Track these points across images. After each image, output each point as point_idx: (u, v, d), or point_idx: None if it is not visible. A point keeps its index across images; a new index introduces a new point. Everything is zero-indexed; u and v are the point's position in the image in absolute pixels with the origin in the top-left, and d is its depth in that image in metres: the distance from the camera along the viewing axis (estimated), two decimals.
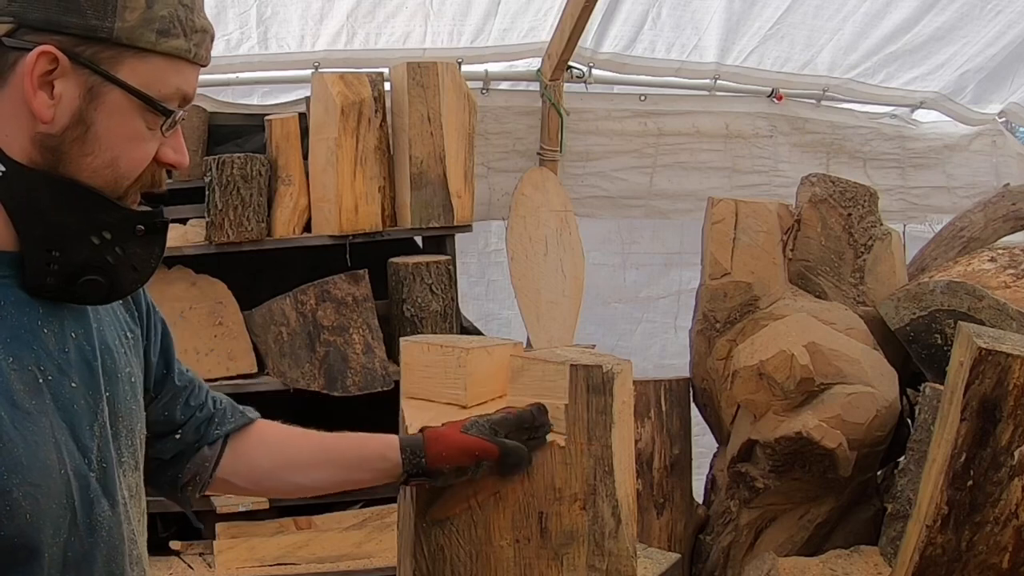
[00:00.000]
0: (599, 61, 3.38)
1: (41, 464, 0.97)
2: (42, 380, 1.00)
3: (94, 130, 0.98)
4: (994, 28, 3.46)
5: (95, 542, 1.03)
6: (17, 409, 0.96)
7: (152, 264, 1.07)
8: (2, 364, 0.96)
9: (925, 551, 1.73)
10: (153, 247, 1.06)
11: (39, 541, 0.97)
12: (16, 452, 0.95)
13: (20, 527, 0.95)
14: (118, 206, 1.02)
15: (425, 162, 2.93)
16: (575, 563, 1.33)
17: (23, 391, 0.97)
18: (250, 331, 2.96)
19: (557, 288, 3.19)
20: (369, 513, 2.98)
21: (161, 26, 0.98)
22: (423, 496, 1.35)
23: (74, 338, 1.05)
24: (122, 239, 1.03)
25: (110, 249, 1.02)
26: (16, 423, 0.95)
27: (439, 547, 1.34)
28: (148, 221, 1.04)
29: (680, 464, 2.68)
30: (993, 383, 1.64)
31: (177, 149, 1.05)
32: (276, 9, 2.98)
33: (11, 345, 0.98)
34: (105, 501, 1.05)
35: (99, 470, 1.05)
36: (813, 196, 2.67)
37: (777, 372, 2.35)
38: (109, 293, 1.05)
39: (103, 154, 0.99)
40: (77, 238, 1.01)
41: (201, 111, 3.02)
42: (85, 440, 1.03)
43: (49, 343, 1.02)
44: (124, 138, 0.99)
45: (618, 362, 1.34)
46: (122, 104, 0.98)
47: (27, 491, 0.95)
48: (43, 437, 0.98)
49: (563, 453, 1.32)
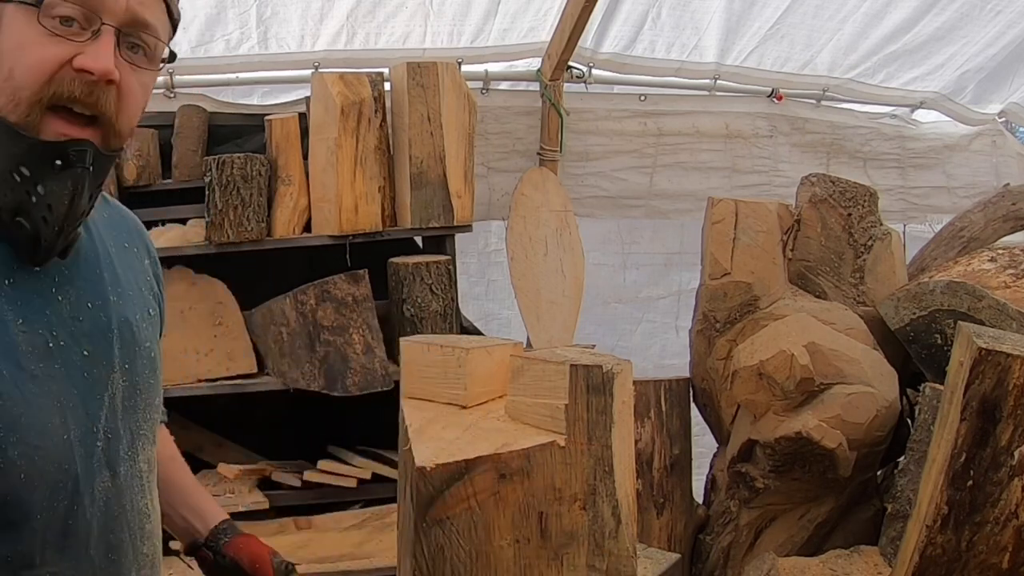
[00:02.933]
0: (599, 61, 3.38)
1: (41, 426, 0.97)
2: (52, 345, 1.00)
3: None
4: (994, 28, 3.46)
5: (93, 513, 1.03)
6: (22, 370, 0.96)
7: (63, 203, 0.97)
8: (10, 325, 0.96)
9: (925, 551, 1.73)
10: (66, 182, 0.96)
11: (31, 503, 0.97)
12: (15, 411, 0.95)
13: (12, 486, 0.95)
14: (22, 133, 0.94)
15: (425, 162, 2.93)
16: (575, 563, 1.33)
17: (31, 353, 0.97)
18: (250, 331, 2.96)
19: (557, 288, 3.19)
20: (369, 513, 2.98)
21: None
22: (423, 496, 1.35)
23: (90, 308, 1.05)
24: (40, 175, 0.95)
25: (32, 187, 0.95)
26: (18, 384, 0.95)
27: (439, 547, 1.34)
28: (63, 153, 0.95)
29: (680, 464, 2.68)
30: (993, 383, 1.64)
31: (93, 55, 0.94)
32: (276, 9, 2.98)
33: (22, 308, 0.97)
34: (107, 472, 1.05)
35: (104, 440, 1.04)
36: (813, 196, 2.67)
37: (777, 372, 2.35)
38: (34, 240, 0.98)
39: (1, 71, 0.94)
40: (1, 176, 0.96)
41: (201, 111, 3.02)
42: (93, 409, 1.03)
43: (63, 310, 1.02)
44: (16, 47, 0.94)
45: (618, 362, 1.34)
46: (14, 16, 0.94)
47: (23, 451, 0.95)
48: (47, 401, 0.98)
49: (563, 453, 1.32)
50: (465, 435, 1.39)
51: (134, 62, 0.99)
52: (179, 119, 2.97)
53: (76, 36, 0.94)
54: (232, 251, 2.86)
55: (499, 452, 1.32)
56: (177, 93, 3.06)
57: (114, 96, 0.97)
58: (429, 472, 1.31)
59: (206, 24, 2.94)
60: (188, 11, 2.91)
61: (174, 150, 2.97)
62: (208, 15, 2.92)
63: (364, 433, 3.06)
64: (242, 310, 2.96)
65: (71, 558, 1.02)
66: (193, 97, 3.08)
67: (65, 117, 0.96)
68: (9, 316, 0.97)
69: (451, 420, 1.44)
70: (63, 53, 0.94)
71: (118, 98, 0.97)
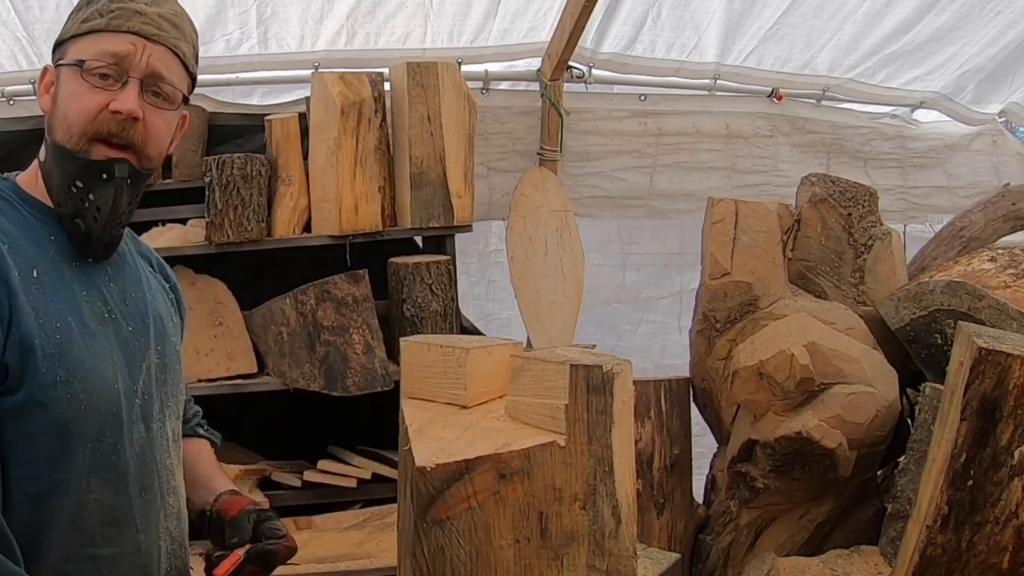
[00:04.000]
0: (599, 61, 3.38)
1: (99, 372, 1.27)
2: (107, 315, 1.32)
3: (57, 102, 1.32)
4: (994, 28, 3.46)
5: (131, 454, 1.30)
6: (86, 327, 1.28)
7: (108, 204, 1.31)
8: (79, 296, 1.29)
9: (925, 551, 1.73)
10: (110, 189, 1.30)
11: (86, 434, 1.25)
12: (81, 355, 1.25)
13: (75, 414, 1.23)
14: (77, 156, 1.29)
15: (425, 162, 2.93)
16: (575, 563, 1.33)
17: (92, 317, 1.30)
18: (250, 331, 2.95)
19: (557, 288, 3.19)
20: (369, 513, 2.98)
21: (84, 17, 1.32)
22: (423, 496, 1.35)
23: (133, 296, 1.39)
24: (91, 186, 1.30)
25: (84, 195, 1.30)
26: (84, 336, 1.27)
27: (439, 547, 1.34)
28: (107, 168, 1.30)
29: (680, 464, 2.68)
30: (993, 383, 1.64)
31: (122, 99, 1.29)
32: (276, 9, 2.98)
33: (86, 284, 1.32)
34: (142, 424, 1.33)
35: (142, 399, 1.34)
36: (813, 196, 2.67)
37: (777, 372, 2.35)
38: (87, 235, 1.32)
39: (60, 114, 1.31)
40: (63, 188, 1.30)
41: (201, 111, 3.01)
42: (134, 372, 1.34)
43: (114, 294, 1.36)
44: (69, 97, 1.30)
45: (618, 362, 1.34)
46: (68, 76, 1.31)
47: (85, 387, 1.24)
48: (104, 354, 1.29)
49: (563, 453, 1.32)
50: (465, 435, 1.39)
51: (156, 104, 1.34)
52: None
53: (111, 87, 1.29)
54: (232, 251, 2.86)
55: (499, 452, 1.32)
56: None
57: (141, 129, 1.31)
58: (429, 472, 1.31)
59: (206, 24, 2.94)
60: (188, 11, 2.90)
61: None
62: (208, 15, 2.92)
63: (364, 433, 3.06)
64: (242, 310, 2.95)
65: (112, 488, 1.28)
66: (193, 97, 3.05)
67: (107, 144, 1.30)
68: (76, 287, 1.29)
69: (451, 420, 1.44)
70: (102, 100, 1.29)
71: (144, 131, 1.31)
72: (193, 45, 1.42)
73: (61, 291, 1.27)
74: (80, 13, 1.33)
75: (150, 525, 1.33)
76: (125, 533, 1.29)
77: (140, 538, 1.31)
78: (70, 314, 1.26)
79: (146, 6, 1.33)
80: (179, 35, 1.38)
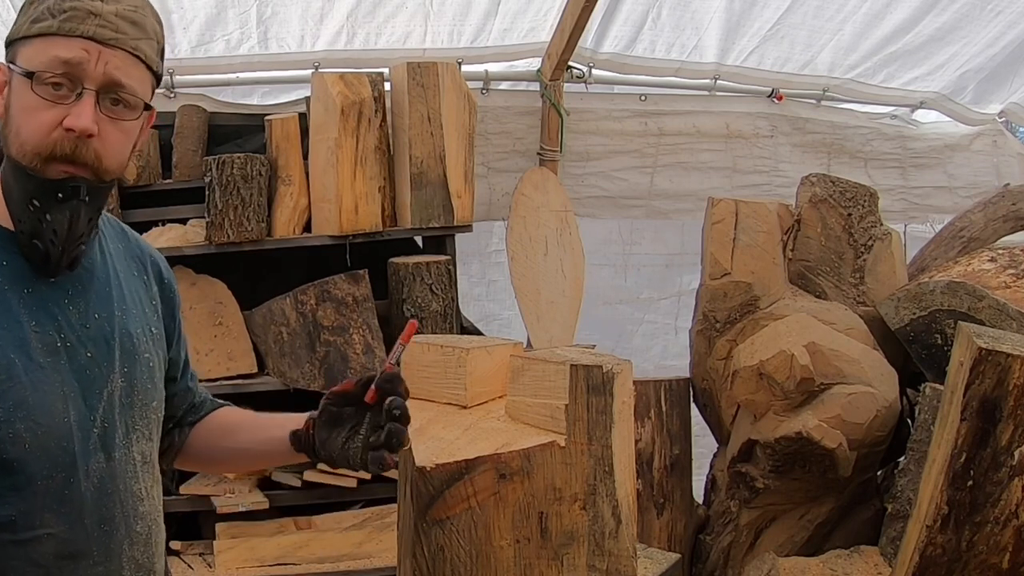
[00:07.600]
0: (599, 61, 3.38)
1: (46, 408, 1.19)
2: (60, 344, 1.23)
3: (10, 111, 1.20)
4: (994, 28, 3.46)
5: (87, 487, 1.23)
6: (32, 361, 1.19)
7: (64, 227, 1.21)
8: (25, 326, 1.20)
9: (925, 551, 1.73)
10: (66, 211, 1.20)
11: (34, 471, 1.18)
12: (24, 393, 1.17)
13: (19, 454, 1.17)
14: (32, 174, 1.18)
15: (425, 162, 2.93)
16: (575, 563, 1.33)
17: (41, 349, 1.21)
18: (250, 331, 2.96)
19: (557, 288, 3.19)
20: (369, 513, 2.98)
21: (35, 15, 1.19)
22: (423, 496, 1.35)
23: (97, 318, 1.28)
24: (47, 205, 1.20)
25: (42, 215, 1.20)
26: (28, 371, 1.19)
27: (439, 547, 1.34)
28: (62, 188, 1.19)
29: (680, 464, 2.68)
30: (993, 383, 1.64)
31: (75, 115, 1.17)
32: (276, 9, 2.98)
33: (36, 313, 1.22)
34: (102, 454, 1.25)
35: (101, 428, 1.26)
36: (813, 196, 2.67)
37: (777, 372, 2.35)
38: (46, 257, 1.22)
39: (13, 128, 1.19)
40: (22, 206, 1.20)
41: (201, 111, 3.02)
42: (92, 400, 1.25)
43: (72, 317, 1.25)
44: (21, 111, 1.18)
45: (618, 362, 1.34)
46: (19, 86, 1.19)
47: (29, 425, 1.17)
48: (52, 388, 1.21)
49: (563, 453, 1.32)
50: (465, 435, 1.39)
51: (115, 115, 1.21)
52: (179, 119, 2.97)
53: (64, 99, 1.17)
54: (232, 251, 2.86)
55: (499, 452, 1.32)
56: (177, 93, 3.07)
57: (97, 146, 1.19)
58: (429, 472, 1.31)
59: (206, 24, 2.94)
60: (188, 11, 2.91)
61: (174, 150, 2.97)
62: (208, 15, 2.92)
63: None
64: (242, 310, 2.96)
65: (66, 523, 1.21)
66: (193, 97, 3.08)
67: (63, 161, 1.18)
68: (24, 318, 1.20)
69: (451, 420, 1.44)
70: (54, 117, 1.17)
71: (101, 146, 1.20)
72: (158, 41, 1.27)
73: (6, 327, 1.19)
74: (31, 10, 1.21)
75: (111, 556, 1.27)
76: (82, 566, 1.23)
77: (99, 570, 1.25)
78: (14, 350, 1.18)
79: (102, 4, 1.20)
80: (139, 34, 1.23)
